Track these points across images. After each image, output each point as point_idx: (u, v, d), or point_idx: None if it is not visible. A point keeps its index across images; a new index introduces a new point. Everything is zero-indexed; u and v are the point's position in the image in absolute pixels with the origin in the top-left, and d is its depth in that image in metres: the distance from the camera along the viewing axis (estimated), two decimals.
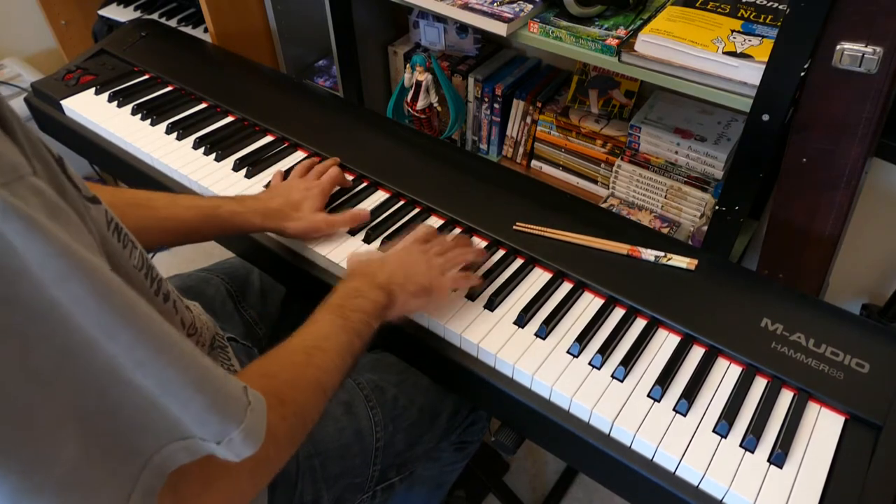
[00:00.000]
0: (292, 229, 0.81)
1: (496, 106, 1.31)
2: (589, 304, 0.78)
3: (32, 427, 0.33)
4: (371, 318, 0.65)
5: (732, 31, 0.89)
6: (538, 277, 0.81)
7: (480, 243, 0.86)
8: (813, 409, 0.67)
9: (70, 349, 0.34)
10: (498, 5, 1.04)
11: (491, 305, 0.77)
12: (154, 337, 0.37)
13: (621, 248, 0.83)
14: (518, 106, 1.29)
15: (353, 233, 0.87)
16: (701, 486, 0.63)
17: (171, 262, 1.85)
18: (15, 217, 0.31)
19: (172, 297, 0.56)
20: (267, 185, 0.94)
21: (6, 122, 0.35)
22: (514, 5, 1.04)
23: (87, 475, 0.36)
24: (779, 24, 0.78)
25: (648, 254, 0.82)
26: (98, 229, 0.42)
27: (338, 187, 0.92)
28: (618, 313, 0.77)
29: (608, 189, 1.23)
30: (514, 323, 0.75)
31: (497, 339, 0.73)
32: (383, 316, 0.68)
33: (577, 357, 0.72)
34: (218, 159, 1.00)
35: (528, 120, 1.29)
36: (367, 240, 0.86)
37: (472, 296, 0.78)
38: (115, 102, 1.12)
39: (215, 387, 0.40)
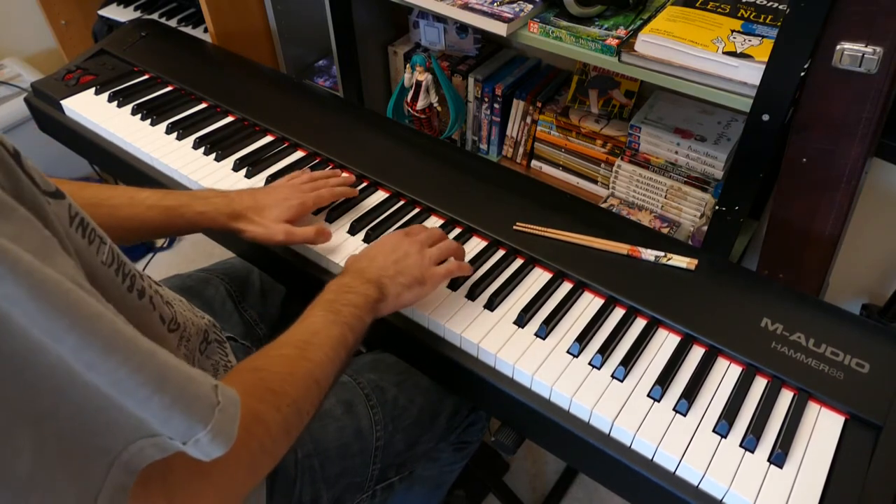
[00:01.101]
0: (248, 233, 0.79)
1: (496, 106, 1.31)
2: (589, 304, 0.78)
3: None
4: (363, 313, 0.65)
5: (732, 31, 0.89)
6: (538, 277, 0.81)
7: (480, 243, 0.86)
8: (813, 409, 0.67)
9: (16, 353, 0.33)
10: (498, 5, 1.04)
11: (491, 305, 0.77)
12: (102, 337, 0.36)
13: (621, 248, 0.83)
14: (518, 106, 1.29)
15: (353, 232, 0.87)
16: (701, 486, 0.63)
17: (171, 262, 1.85)
18: None
19: (149, 293, 0.54)
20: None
21: None
22: (514, 5, 1.04)
23: (45, 479, 0.35)
24: (779, 24, 0.78)
25: (648, 254, 0.82)
26: (60, 224, 0.41)
27: (338, 200, 0.90)
28: (618, 313, 0.77)
29: (608, 189, 1.23)
30: (514, 323, 0.75)
31: (497, 339, 0.73)
32: (376, 310, 0.67)
33: (577, 357, 0.72)
34: (218, 159, 1.00)
35: (528, 120, 1.29)
36: (367, 240, 0.86)
37: (472, 295, 0.78)
38: (115, 102, 1.12)
39: (178, 386, 0.39)
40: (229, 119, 1.09)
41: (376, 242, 0.76)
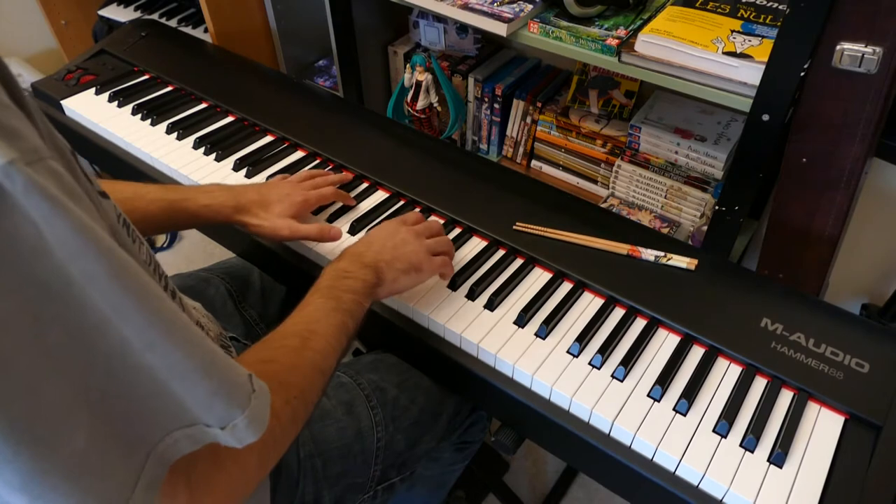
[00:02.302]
0: (253, 228, 0.80)
1: (496, 106, 1.31)
2: (589, 304, 0.78)
3: (44, 406, 0.33)
4: (361, 298, 0.66)
5: (732, 31, 0.89)
6: (538, 277, 0.81)
7: (480, 243, 0.86)
8: (813, 409, 0.67)
9: (82, 328, 0.34)
10: (498, 5, 1.04)
11: (491, 305, 0.77)
12: (165, 320, 0.37)
13: (621, 248, 0.83)
14: (518, 106, 1.29)
15: (353, 232, 0.87)
16: (701, 486, 0.63)
17: (171, 262, 1.85)
18: (38, 194, 0.32)
19: (178, 295, 0.56)
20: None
21: (26, 107, 0.36)
22: (514, 5, 1.04)
23: (96, 461, 0.36)
24: (779, 24, 0.78)
25: (648, 254, 0.82)
26: (109, 222, 0.42)
27: (340, 202, 0.90)
28: (618, 313, 0.77)
29: (608, 189, 1.24)
30: (514, 323, 0.75)
31: (497, 339, 0.73)
32: (374, 294, 0.68)
33: (577, 357, 0.72)
34: (218, 159, 1.00)
35: (528, 120, 1.29)
36: None
37: (472, 295, 0.78)
38: (116, 102, 1.12)
39: (222, 372, 0.41)
40: (229, 119, 1.09)
41: (374, 229, 0.77)
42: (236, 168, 0.98)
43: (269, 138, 1.04)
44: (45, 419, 0.33)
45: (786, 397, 0.68)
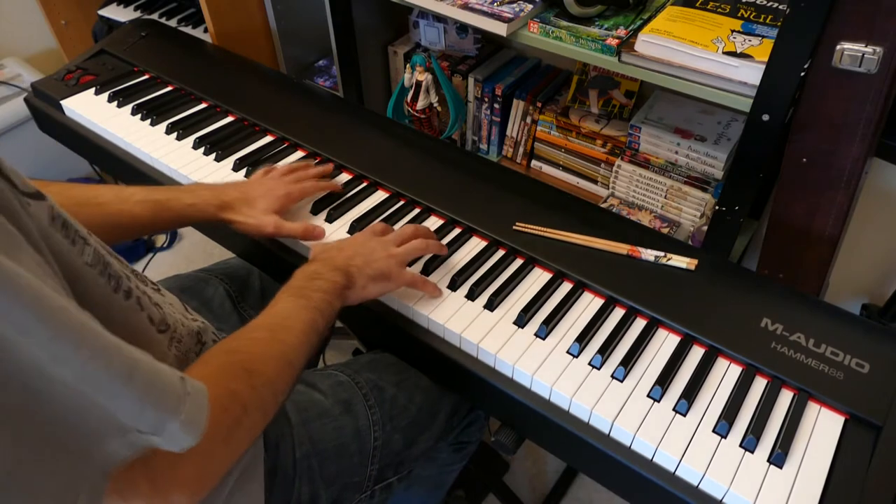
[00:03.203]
0: (238, 225, 0.81)
1: (496, 106, 1.31)
2: (589, 304, 0.78)
3: None
4: (332, 298, 0.66)
5: (732, 31, 0.89)
6: (538, 277, 0.81)
7: (480, 243, 0.86)
8: (813, 409, 0.67)
9: None
10: (498, 5, 1.04)
11: (491, 305, 0.77)
12: (72, 331, 0.36)
13: (621, 248, 0.83)
14: (518, 106, 1.29)
15: (352, 232, 0.87)
16: (701, 486, 0.63)
17: (171, 262, 1.85)
18: None
19: (136, 294, 0.54)
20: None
21: None
22: (514, 5, 1.04)
23: (23, 477, 0.35)
24: (779, 24, 0.78)
25: (648, 254, 0.82)
26: (38, 226, 0.41)
27: (321, 194, 0.91)
28: (618, 313, 0.77)
29: (608, 189, 1.23)
30: (514, 323, 0.75)
31: (497, 339, 0.73)
32: (344, 297, 0.69)
33: (576, 357, 0.72)
34: (218, 159, 1.00)
35: (528, 120, 1.29)
36: None
37: (472, 295, 0.78)
38: (115, 102, 1.12)
39: (147, 379, 0.40)
40: (229, 119, 1.09)
41: (346, 238, 0.78)
42: (236, 168, 0.98)
43: (269, 138, 1.04)
44: None
45: (786, 397, 0.68)
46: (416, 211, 0.91)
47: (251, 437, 0.53)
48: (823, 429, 0.65)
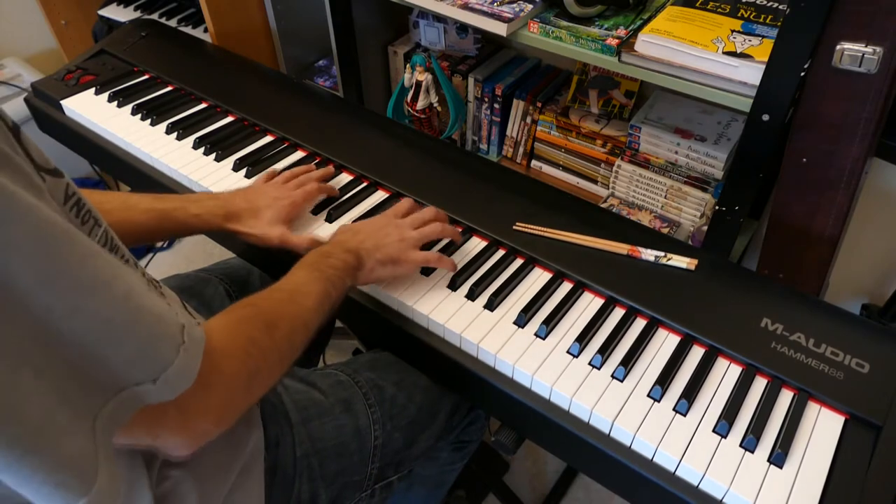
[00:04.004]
0: (244, 236, 0.82)
1: (496, 106, 1.31)
2: (589, 304, 0.78)
3: None
4: (343, 274, 0.69)
5: (732, 31, 0.89)
6: (538, 277, 0.81)
7: (480, 243, 0.86)
8: (813, 409, 0.67)
9: (8, 300, 0.34)
10: (498, 5, 1.04)
11: (491, 305, 0.77)
12: (88, 278, 0.37)
13: (621, 248, 0.83)
14: (518, 106, 1.29)
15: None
16: (701, 486, 0.63)
17: (171, 262, 1.85)
18: None
19: (147, 278, 0.56)
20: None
21: None
22: (514, 5, 1.04)
23: (50, 431, 0.36)
24: (779, 24, 0.78)
25: (648, 254, 0.82)
26: (56, 199, 0.42)
27: (323, 196, 0.91)
28: (618, 313, 0.77)
29: (608, 189, 1.23)
30: (514, 323, 0.75)
31: (497, 339, 0.73)
32: (354, 276, 0.72)
33: (577, 357, 0.72)
34: (218, 159, 1.00)
35: (528, 120, 1.29)
36: None
37: (472, 295, 0.78)
38: (115, 102, 1.12)
39: (149, 327, 0.41)
40: (229, 119, 1.09)
41: (364, 220, 0.80)
42: (236, 168, 0.98)
43: (269, 138, 1.04)
44: None
45: (786, 397, 0.68)
46: (408, 199, 0.91)
47: (268, 384, 0.56)
48: (823, 429, 0.65)
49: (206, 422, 0.48)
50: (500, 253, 0.84)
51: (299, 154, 1.02)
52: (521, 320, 0.75)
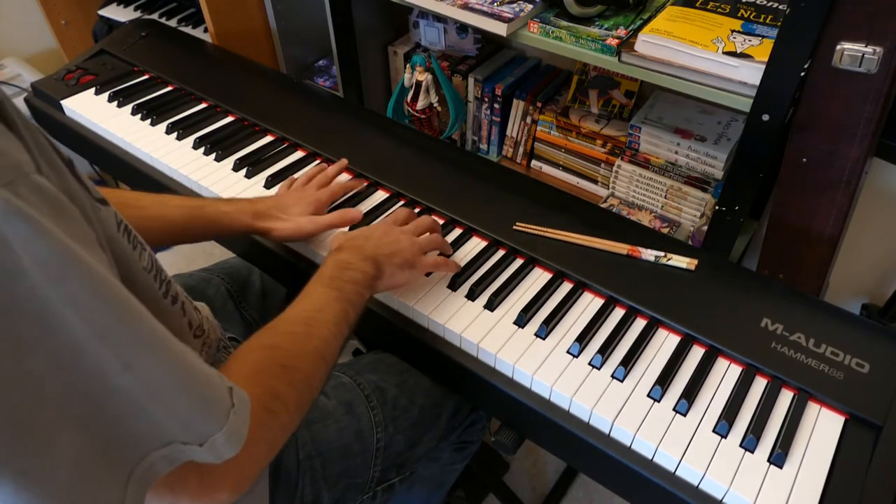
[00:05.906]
0: (278, 231, 0.81)
1: (496, 106, 1.31)
2: (589, 304, 0.78)
3: (29, 433, 0.33)
4: (362, 289, 0.68)
5: (732, 31, 0.89)
6: (538, 277, 0.81)
7: (480, 243, 0.86)
8: (813, 409, 0.67)
9: (59, 352, 0.34)
10: (498, 5, 1.04)
11: (491, 305, 0.77)
12: (145, 336, 0.37)
13: (621, 248, 0.83)
14: (518, 106, 1.29)
15: (353, 230, 0.87)
16: (701, 486, 0.63)
17: (171, 262, 1.85)
18: (17, 219, 0.31)
19: (181, 299, 0.57)
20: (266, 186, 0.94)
21: (9, 119, 0.35)
22: (514, 5, 1.04)
23: (81, 491, 0.35)
24: (779, 24, 0.78)
25: (648, 254, 0.82)
26: (107, 231, 0.42)
27: (349, 194, 0.92)
28: (618, 313, 0.77)
29: (608, 189, 1.23)
30: (514, 323, 0.75)
31: (497, 339, 0.73)
32: (373, 287, 0.70)
33: (577, 357, 0.72)
34: (218, 159, 1.00)
35: (528, 120, 1.29)
36: None
37: (472, 295, 0.78)
38: (115, 102, 1.12)
39: (201, 388, 0.41)
40: (229, 119, 1.09)
41: (369, 226, 0.79)
42: (236, 168, 0.98)
43: (269, 138, 1.04)
44: (28, 448, 0.33)
45: (786, 397, 0.68)
46: (417, 211, 0.91)
47: (288, 433, 0.53)
48: (823, 429, 0.66)
49: (223, 491, 0.46)
50: (500, 253, 0.84)
51: (299, 154, 1.02)
52: (521, 320, 0.75)
